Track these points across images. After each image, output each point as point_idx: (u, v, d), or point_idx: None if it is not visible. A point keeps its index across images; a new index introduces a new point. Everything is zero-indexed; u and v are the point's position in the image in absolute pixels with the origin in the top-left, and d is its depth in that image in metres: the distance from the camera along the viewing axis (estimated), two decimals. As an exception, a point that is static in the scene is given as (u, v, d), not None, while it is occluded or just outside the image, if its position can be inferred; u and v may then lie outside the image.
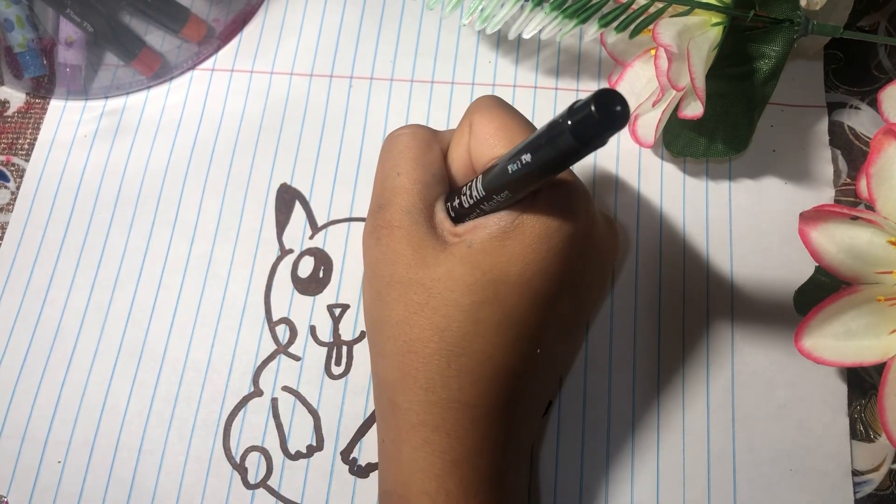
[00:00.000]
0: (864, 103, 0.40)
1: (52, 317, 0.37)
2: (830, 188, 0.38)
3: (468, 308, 0.26)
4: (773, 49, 0.34)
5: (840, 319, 0.30)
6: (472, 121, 0.28)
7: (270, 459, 0.34)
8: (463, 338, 0.26)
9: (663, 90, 0.33)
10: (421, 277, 0.26)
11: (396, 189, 0.28)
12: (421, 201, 0.27)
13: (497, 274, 0.26)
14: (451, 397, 0.26)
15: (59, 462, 0.34)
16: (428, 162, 0.28)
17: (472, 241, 0.26)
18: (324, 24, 0.42)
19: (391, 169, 0.28)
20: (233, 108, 0.41)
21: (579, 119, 0.20)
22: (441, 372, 0.26)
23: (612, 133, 0.20)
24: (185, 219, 0.38)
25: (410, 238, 0.27)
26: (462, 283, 0.26)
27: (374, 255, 0.28)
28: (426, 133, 0.29)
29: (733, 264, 0.36)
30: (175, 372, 0.35)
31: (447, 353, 0.26)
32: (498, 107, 0.29)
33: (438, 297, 0.26)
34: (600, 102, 0.20)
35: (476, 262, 0.26)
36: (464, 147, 0.29)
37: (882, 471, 0.33)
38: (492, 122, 0.28)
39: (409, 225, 0.27)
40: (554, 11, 0.33)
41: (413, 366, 0.26)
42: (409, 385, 0.26)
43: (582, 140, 0.20)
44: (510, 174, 0.24)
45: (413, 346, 0.26)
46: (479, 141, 0.28)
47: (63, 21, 0.39)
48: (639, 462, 0.33)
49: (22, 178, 0.40)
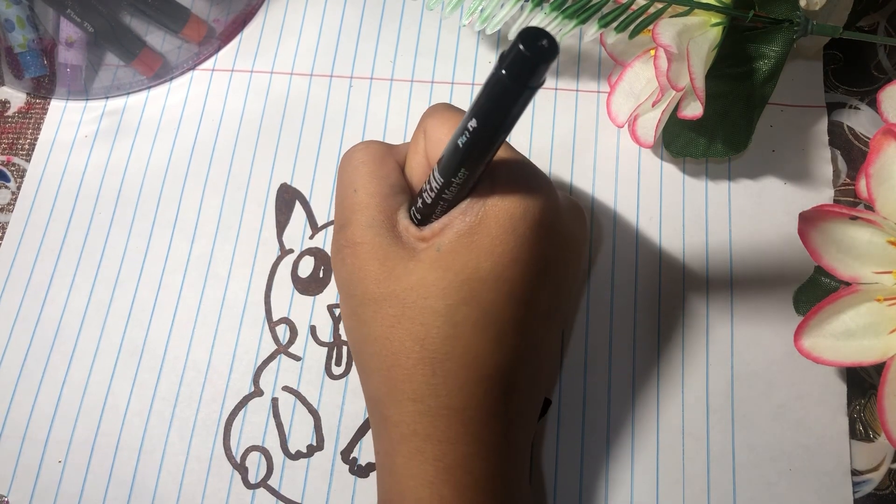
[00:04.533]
0: (863, 103, 0.40)
1: (52, 316, 0.37)
2: (830, 188, 0.38)
3: (444, 312, 0.25)
4: (773, 49, 0.34)
5: (839, 319, 0.30)
6: (426, 126, 0.28)
7: (271, 459, 0.34)
8: (444, 343, 0.25)
9: (663, 90, 0.33)
10: (393, 290, 0.26)
11: (355, 206, 0.27)
12: (381, 213, 0.27)
13: (469, 272, 0.25)
14: (441, 404, 0.25)
15: (60, 462, 0.34)
16: (384, 174, 0.28)
17: (441, 244, 0.26)
18: (324, 24, 0.42)
19: (347, 186, 0.28)
20: (233, 108, 0.41)
21: (510, 61, 0.21)
22: (427, 381, 0.25)
23: (545, 66, 0.20)
24: (185, 219, 0.38)
25: (375, 253, 0.26)
26: (435, 288, 0.25)
27: (342, 276, 0.28)
28: (379, 146, 0.29)
29: (733, 264, 0.37)
30: (175, 372, 0.36)
31: (430, 361, 0.25)
32: (449, 110, 0.28)
33: (413, 307, 0.26)
34: (527, 39, 0.20)
35: (447, 265, 0.25)
36: (421, 153, 0.29)
37: (881, 470, 0.33)
38: (444, 123, 0.28)
39: (373, 239, 0.26)
40: (554, 11, 0.34)
41: (399, 378, 0.26)
42: (397, 398, 0.26)
43: (518, 80, 0.21)
44: (461, 148, 0.24)
45: (397, 360, 0.26)
46: (433, 143, 0.28)
47: (63, 21, 0.39)
48: (638, 462, 0.33)
49: (22, 178, 0.40)
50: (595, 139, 0.39)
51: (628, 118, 0.37)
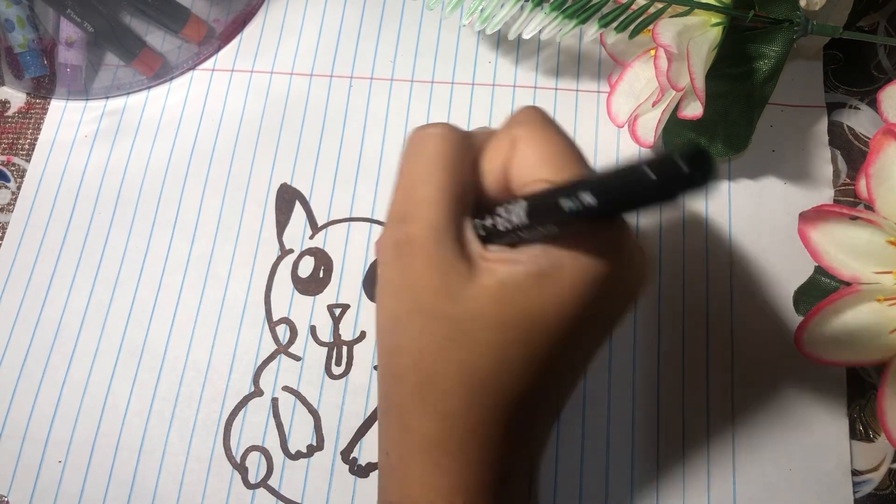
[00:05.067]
0: (863, 103, 0.40)
1: (52, 317, 0.37)
2: (830, 188, 0.38)
3: (496, 346, 0.24)
4: (773, 49, 0.34)
5: (840, 320, 0.30)
6: (517, 136, 0.26)
7: (271, 459, 0.34)
8: (488, 375, 0.24)
9: (663, 90, 0.33)
10: (448, 311, 0.24)
11: (424, 200, 0.25)
12: (450, 216, 0.25)
13: (530, 316, 0.24)
14: (469, 428, 0.25)
15: (60, 462, 0.34)
16: (461, 170, 0.25)
17: (505, 278, 0.24)
18: (324, 24, 0.42)
19: (419, 175, 0.25)
20: (233, 108, 0.41)
21: (665, 173, 0.19)
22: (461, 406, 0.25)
23: (694, 190, 0.19)
24: (185, 219, 0.38)
25: (438, 262, 0.24)
26: (492, 321, 0.24)
27: (393, 273, 0.25)
28: (459, 136, 0.26)
29: (733, 264, 0.36)
30: (175, 372, 0.36)
31: (470, 390, 0.24)
32: (546, 127, 0.26)
33: (466, 335, 0.24)
34: (691, 158, 0.18)
35: (508, 300, 0.24)
36: (501, 161, 0.26)
37: (881, 470, 0.33)
38: (540, 144, 0.25)
39: (436, 245, 0.24)
40: (554, 12, 0.34)
41: (432, 396, 0.25)
42: (425, 412, 0.25)
43: (662, 192, 0.19)
44: (564, 211, 0.22)
45: (434, 378, 0.25)
46: (523, 163, 0.25)
47: (63, 21, 0.39)
48: (639, 462, 0.33)
49: (22, 178, 0.40)
50: (595, 139, 0.39)
51: (628, 118, 0.37)
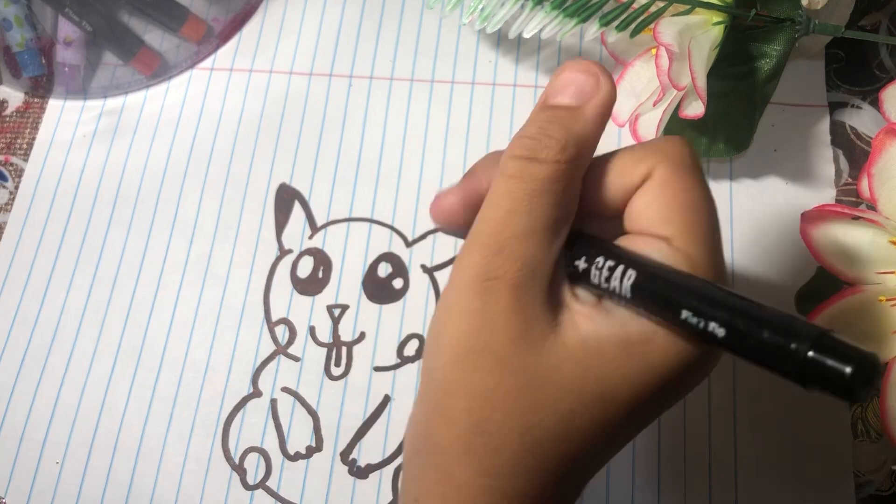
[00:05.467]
0: (865, 103, 0.40)
1: (50, 317, 0.37)
2: (832, 188, 0.38)
3: (564, 414, 0.22)
4: (775, 48, 0.34)
5: (842, 320, 0.30)
6: (654, 170, 0.23)
7: (269, 460, 0.34)
8: (547, 441, 0.23)
9: (664, 90, 0.33)
10: (524, 362, 0.22)
11: (522, 234, 0.22)
12: (546, 256, 0.22)
13: (608, 388, 0.22)
14: (515, 491, 0.23)
15: (58, 463, 0.34)
16: (568, 202, 0.23)
17: (589, 338, 0.22)
18: (323, 22, 0.42)
19: (525, 201, 0.22)
20: (232, 108, 0.40)
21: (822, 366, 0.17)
22: (511, 465, 0.23)
23: (841, 398, 0.17)
24: (184, 218, 0.38)
25: (524, 307, 0.22)
26: (567, 386, 0.22)
27: (472, 305, 0.23)
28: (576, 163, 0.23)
29: (734, 264, 0.36)
30: (174, 372, 0.35)
31: (524, 451, 0.23)
32: (693, 173, 0.23)
33: (536, 393, 0.22)
34: (859, 371, 0.16)
35: (588, 366, 0.22)
36: (622, 189, 0.23)
37: (883, 471, 0.33)
38: (677, 193, 0.23)
39: (527, 288, 0.22)
40: (554, 10, 0.33)
41: (483, 449, 0.23)
42: (472, 464, 0.23)
43: (802, 379, 0.17)
44: (679, 319, 0.20)
45: (489, 429, 0.23)
46: (651, 204, 0.23)
47: (62, 20, 0.39)
48: (639, 462, 0.33)
49: (20, 177, 0.39)
50: (596, 139, 0.39)
51: (629, 117, 0.37)
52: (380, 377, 0.35)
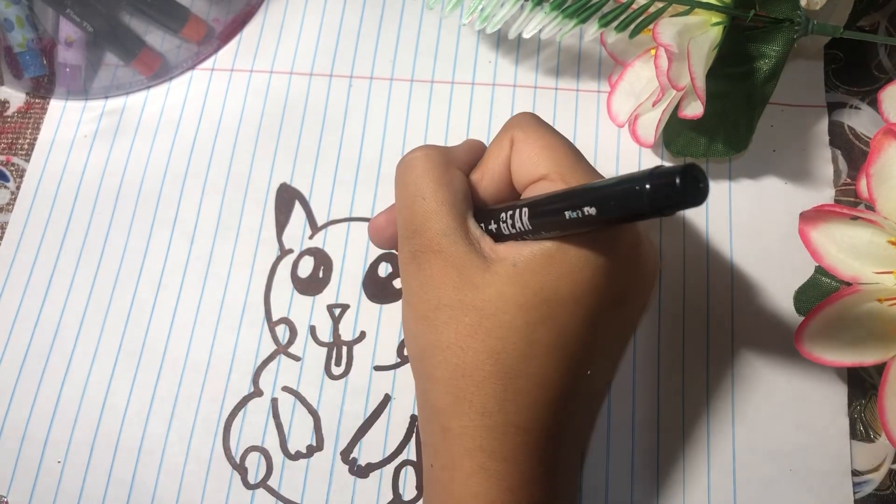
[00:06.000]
0: (864, 103, 0.40)
1: (51, 317, 0.37)
2: (830, 188, 0.38)
3: (522, 329, 0.25)
4: (774, 49, 0.34)
5: (840, 320, 0.30)
6: (514, 137, 0.28)
7: (270, 459, 0.34)
8: (518, 360, 0.25)
9: (663, 90, 0.33)
10: (471, 299, 0.26)
11: (427, 213, 0.27)
12: (454, 221, 0.27)
13: (548, 293, 0.25)
14: (508, 421, 0.25)
15: (59, 462, 0.34)
16: (449, 181, 0.28)
17: (517, 260, 0.26)
18: (323, 23, 0.42)
19: (414, 194, 0.28)
20: (232, 108, 0.41)
21: (660, 187, 0.20)
22: (497, 395, 0.25)
23: (688, 207, 0.20)
24: (184, 219, 0.38)
25: (454, 260, 0.26)
26: (514, 303, 0.25)
27: (417, 281, 0.27)
28: (440, 153, 0.29)
29: (733, 264, 0.36)
30: (175, 372, 0.35)
31: (503, 377, 0.25)
32: (541, 126, 0.28)
33: (491, 319, 0.25)
34: (686, 176, 0.20)
35: (525, 282, 0.25)
36: (502, 161, 0.28)
37: (882, 471, 0.33)
38: (536, 140, 0.28)
39: (450, 247, 0.26)
40: (554, 11, 0.33)
41: (467, 390, 0.25)
42: (463, 409, 0.25)
43: (656, 207, 0.20)
44: (566, 220, 0.23)
45: (466, 370, 0.25)
46: (522, 159, 0.28)
47: (63, 21, 0.39)
48: (639, 462, 0.33)
49: (22, 178, 0.40)
50: (595, 139, 0.39)
51: (629, 118, 0.37)
52: (380, 376, 0.35)
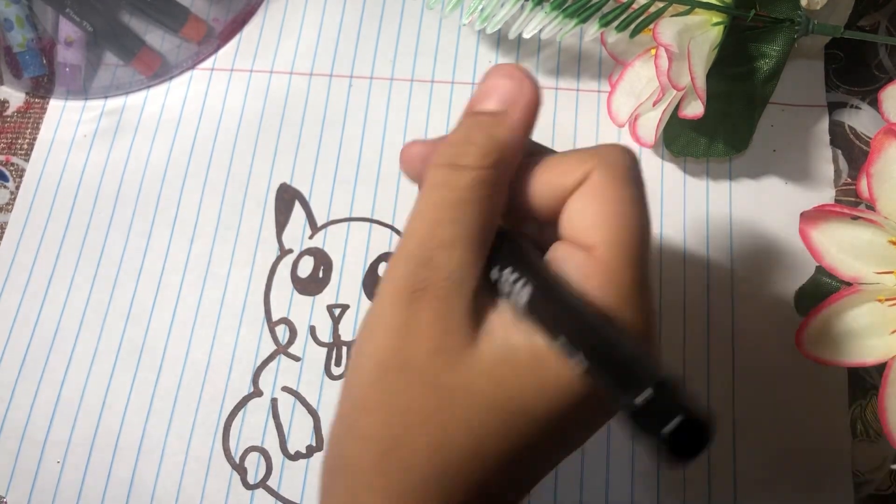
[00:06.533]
0: (864, 103, 0.40)
1: (51, 316, 0.37)
2: (831, 188, 0.38)
3: (475, 430, 0.21)
4: (774, 49, 0.34)
5: (840, 320, 0.30)
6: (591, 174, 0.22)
7: (270, 460, 0.34)
8: (459, 460, 0.22)
9: (664, 90, 0.33)
10: (439, 378, 0.22)
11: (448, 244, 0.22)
12: (472, 265, 0.22)
13: (517, 402, 0.21)
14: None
15: (58, 462, 0.34)
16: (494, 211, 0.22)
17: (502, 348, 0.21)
18: (323, 23, 0.42)
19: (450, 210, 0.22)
20: (232, 108, 0.41)
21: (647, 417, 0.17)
22: (423, 489, 0.22)
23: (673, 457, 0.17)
24: (184, 218, 0.38)
25: (446, 320, 0.21)
26: (479, 401, 0.21)
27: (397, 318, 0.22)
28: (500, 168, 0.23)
29: (733, 264, 0.36)
30: (174, 372, 0.35)
31: (435, 470, 0.22)
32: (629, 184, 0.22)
33: (449, 410, 0.22)
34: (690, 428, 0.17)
35: (500, 379, 0.21)
36: (558, 193, 0.23)
37: (882, 471, 0.33)
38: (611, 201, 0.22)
39: (452, 300, 0.21)
40: (554, 11, 0.33)
41: (394, 469, 0.22)
42: (381, 486, 0.22)
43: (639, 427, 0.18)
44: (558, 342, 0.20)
45: (400, 450, 0.22)
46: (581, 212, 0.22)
47: (63, 21, 0.39)
48: (639, 462, 0.33)
49: (21, 177, 0.39)
50: (596, 139, 0.39)
51: (629, 118, 0.37)
52: (380, 377, 0.35)
